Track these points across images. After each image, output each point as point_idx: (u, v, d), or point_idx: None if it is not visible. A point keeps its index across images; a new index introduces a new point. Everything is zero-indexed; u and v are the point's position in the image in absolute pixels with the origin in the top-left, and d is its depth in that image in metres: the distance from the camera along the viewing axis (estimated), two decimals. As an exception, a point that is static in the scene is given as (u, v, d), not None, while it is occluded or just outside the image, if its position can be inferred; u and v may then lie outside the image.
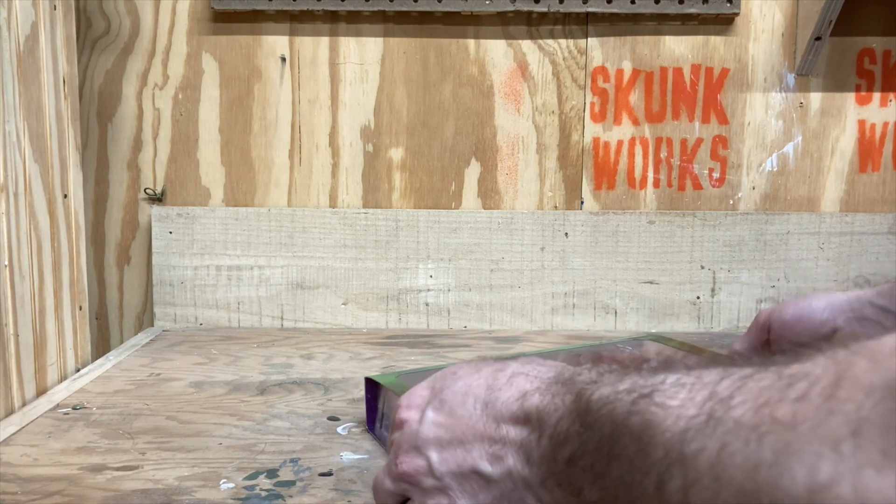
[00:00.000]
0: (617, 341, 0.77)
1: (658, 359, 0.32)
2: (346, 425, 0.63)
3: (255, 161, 1.03)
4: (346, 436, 0.60)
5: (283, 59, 1.01)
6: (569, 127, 1.03)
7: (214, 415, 0.65)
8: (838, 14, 0.93)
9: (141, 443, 0.58)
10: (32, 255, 0.74)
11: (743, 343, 0.62)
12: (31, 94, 0.75)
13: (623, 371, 0.30)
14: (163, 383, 0.75)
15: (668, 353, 0.66)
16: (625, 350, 0.69)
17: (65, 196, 0.83)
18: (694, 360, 0.28)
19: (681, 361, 0.29)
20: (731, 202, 1.04)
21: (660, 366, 0.29)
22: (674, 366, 0.29)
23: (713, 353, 0.65)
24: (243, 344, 0.92)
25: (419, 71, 1.02)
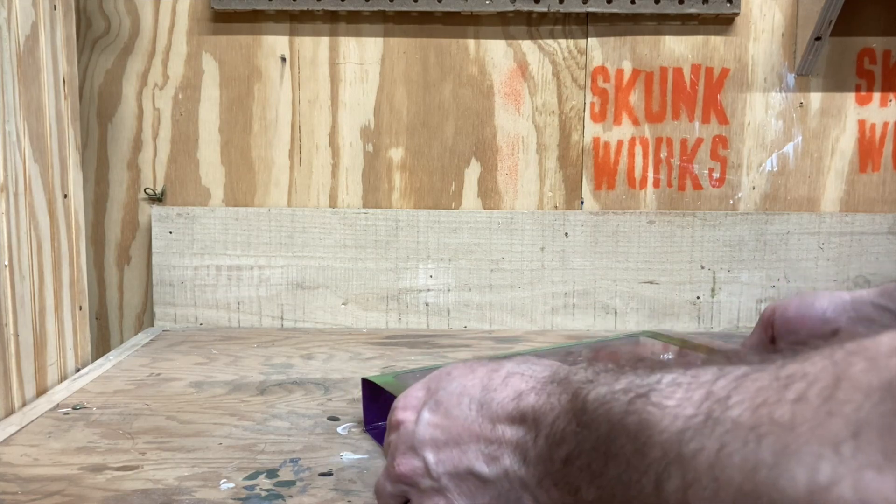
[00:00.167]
0: (612, 338, 0.77)
1: (653, 358, 0.32)
2: (346, 425, 0.63)
3: (255, 161, 1.03)
4: (346, 436, 0.60)
5: (283, 59, 1.01)
6: (569, 127, 1.03)
7: (214, 415, 0.65)
8: (838, 14, 0.93)
9: (141, 443, 0.58)
10: (32, 255, 0.74)
11: (751, 341, 0.62)
12: (31, 94, 0.75)
13: (619, 370, 0.30)
14: (163, 383, 0.75)
15: (660, 351, 0.66)
16: (621, 346, 0.70)
17: (65, 196, 0.83)
18: (689, 359, 0.28)
19: (676, 360, 0.29)
20: (731, 202, 1.04)
21: (656, 365, 0.29)
22: (669, 365, 0.29)
23: (709, 347, 0.65)
24: (243, 344, 0.92)
25: (419, 71, 1.02)
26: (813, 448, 0.20)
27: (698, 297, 1.03)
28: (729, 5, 0.99)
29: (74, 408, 0.67)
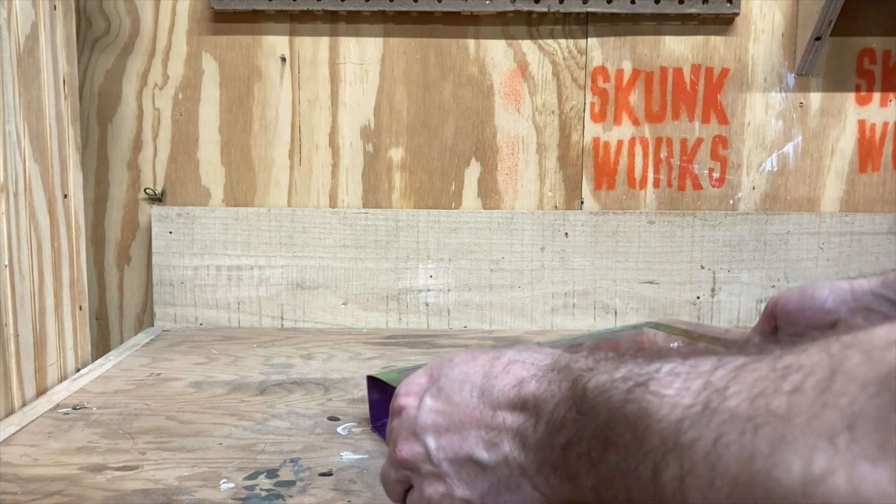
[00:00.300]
0: (616, 330, 0.77)
1: (653, 347, 0.32)
2: (346, 425, 0.63)
3: (255, 161, 1.03)
4: (346, 436, 0.60)
5: (283, 59, 1.01)
6: (569, 127, 1.03)
7: (214, 415, 0.65)
8: (838, 14, 0.93)
9: (141, 443, 0.58)
10: (32, 255, 0.74)
11: (755, 332, 0.63)
12: (31, 94, 0.75)
13: (619, 359, 0.31)
14: (163, 383, 0.75)
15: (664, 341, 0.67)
16: (624, 337, 0.70)
17: (65, 196, 0.83)
18: (688, 350, 0.29)
19: (675, 350, 0.29)
20: (731, 202, 1.04)
21: (655, 354, 0.30)
22: (668, 354, 0.29)
23: (711, 337, 0.65)
24: (243, 344, 0.92)
25: (419, 71, 1.02)
26: (808, 439, 0.20)
27: (698, 297, 1.03)
28: (729, 5, 0.99)
29: (74, 408, 0.67)
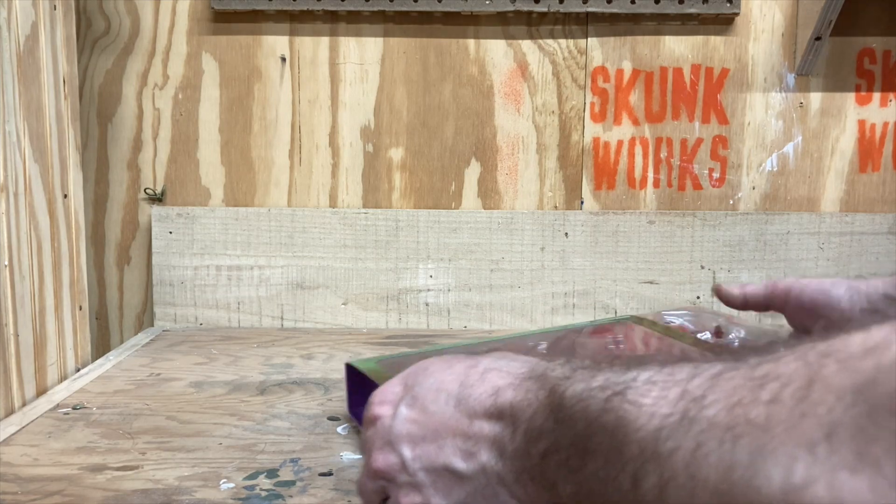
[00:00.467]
0: (594, 323, 0.76)
1: (631, 354, 0.32)
2: (346, 425, 0.62)
3: (255, 161, 1.03)
4: (346, 436, 0.60)
5: (283, 59, 1.01)
6: (569, 127, 1.03)
7: (214, 415, 0.65)
8: (838, 14, 0.93)
9: (141, 443, 0.58)
10: (32, 255, 0.74)
11: (754, 297, 0.62)
12: (31, 94, 0.75)
13: (596, 367, 0.31)
14: (163, 383, 0.75)
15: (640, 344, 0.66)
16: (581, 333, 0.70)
17: (65, 196, 0.83)
18: (665, 356, 0.29)
19: (652, 357, 0.29)
20: (731, 202, 1.04)
21: (632, 361, 0.30)
22: (645, 362, 0.29)
23: (694, 339, 0.65)
24: (243, 344, 0.92)
25: (419, 71, 1.02)
26: (788, 449, 0.20)
27: (698, 297, 1.03)
28: (729, 5, 0.99)
29: (74, 408, 0.67)
